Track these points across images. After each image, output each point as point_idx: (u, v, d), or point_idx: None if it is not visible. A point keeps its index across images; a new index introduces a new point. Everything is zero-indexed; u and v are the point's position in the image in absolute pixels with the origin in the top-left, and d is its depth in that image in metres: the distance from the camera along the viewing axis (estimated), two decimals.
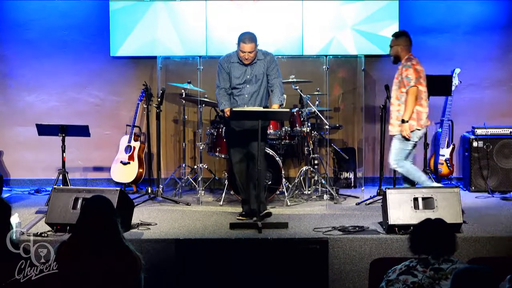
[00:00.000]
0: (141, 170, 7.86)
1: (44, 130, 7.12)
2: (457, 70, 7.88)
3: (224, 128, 7.13)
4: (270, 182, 7.07)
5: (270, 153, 7.05)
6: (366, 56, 7.94)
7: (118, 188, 5.88)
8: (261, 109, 6.18)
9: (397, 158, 6.50)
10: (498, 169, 7.72)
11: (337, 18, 8.11)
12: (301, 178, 7.42)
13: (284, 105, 6.47)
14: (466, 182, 7.90)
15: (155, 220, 6.30)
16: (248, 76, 6.25)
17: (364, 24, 8.09)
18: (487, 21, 8.14)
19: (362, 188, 7.65)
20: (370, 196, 7.14)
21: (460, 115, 8.16)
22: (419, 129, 6.43)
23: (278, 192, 7.15)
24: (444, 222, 3.93)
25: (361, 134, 8.09)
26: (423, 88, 6.44)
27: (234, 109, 6.20)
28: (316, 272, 5.53)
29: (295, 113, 7.33)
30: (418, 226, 3.97)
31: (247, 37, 6.15)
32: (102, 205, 3.84)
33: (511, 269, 3.48)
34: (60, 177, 6.93)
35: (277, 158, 7.13)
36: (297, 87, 7.46)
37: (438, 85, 7.10)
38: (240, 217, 6.33)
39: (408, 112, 6.33)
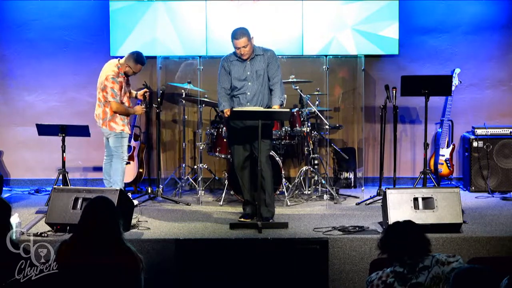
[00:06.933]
0: (141, 170, 7.86)
1: (44, 130, 7.12)
2: (457, 70, 7.88)
3: (224, 128, 7.13)
4: None
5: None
6: (366, 56, 7.95)
7: (118, 188, 5.88)
8: (261, 109, 6.18)
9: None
10: (498, 169, 7.72)
11: (337, 18, 8.11)
12: (301, 178, 7.43)
13: (284, 105, 6.47)
14: (466, 182, 7.90)
15: (155, 220, 6.31)
16: (248, 73, 6.25)
17: (364, 24, 8.08)
18: (487, 21, 8.13)
19: (362, 188, 7.65)
20: (370, 196, 7.14)
21: (460, 115, 8.17)
22: None
23: (278, 192, 7.15)
24: (413, 223, 3.86)
25: (361, 134, 8.09)
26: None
27: (234, 109, 6.20)
28: (316, 272, 5.53)
29: (295, 113, 7.33)
30: (387, 229, 3.90)
31: (238, 33, 6.17)
32: (104, 206, 3.84)
33: (511, 269, 3.48)
34: (60, 177, 6.93)
35: (277, 158, 7.13)
36: (297, 87, 7.46)
37: (438, 85, 7.10)
38: (242, 219, 6.32)
39: None
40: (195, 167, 7.81)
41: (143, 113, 7.21)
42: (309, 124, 7.41)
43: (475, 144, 7.75)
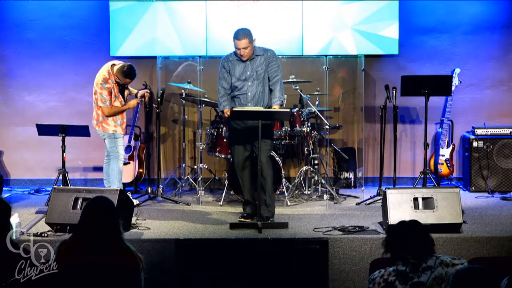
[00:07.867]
0: (141, 170, 7.86)
1: (44, 130, 7.12)
2: (457, 70, 7.88)
3: (224, 128, 7.13)
4: None
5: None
6: (366, 56, 7.94)
7: (118, 188, 5.88)
8: (261, 109, 6.18)
9: None
10: (498, 169, 7.72)
11: (337, 18, 8.11)
12: (301, 178, 7.43)
13: (284, 105, 6.47)
14: (466, 182, 7.90)
15: (155, 220, 6.31)
16: (248, 73, 6.25)
17: (364, 24, 8.08)
18: (487, 21, 8.13)
19: (362, 188, 7.65)
20: (370, 196, 7.14)
21: (460, 115, 8.17)
22: None
23: (278, 192, 7.14)
24: (418, 222, 3.86)
25: (361, 134, 8.09)
26: None
27: (234, 109, 6.20)
28: (316, 272, 5.53)
29: (295, 113, 7.32)
30: (392, 229, 3.90)
31: (240, 33, 6.17)
32: (104, 206, 3.85)
33: (511, 269, 3.48)
34: (60, 177, 6.93)
35: (277, 158, 7.13)
36: (297, 87, 7.46)
37: (438, 85, 7.10)
38: (242, 219, 6.32)
39: None
40: (195, 167, 7.81)
41: (139, 103, 7.15)
42: (309, 124, 7.41)
43: (475, 144, 7.75)
